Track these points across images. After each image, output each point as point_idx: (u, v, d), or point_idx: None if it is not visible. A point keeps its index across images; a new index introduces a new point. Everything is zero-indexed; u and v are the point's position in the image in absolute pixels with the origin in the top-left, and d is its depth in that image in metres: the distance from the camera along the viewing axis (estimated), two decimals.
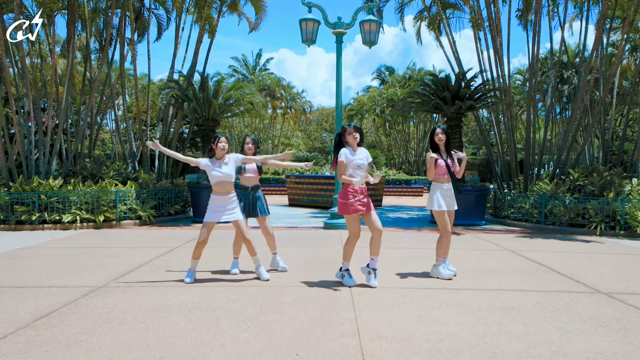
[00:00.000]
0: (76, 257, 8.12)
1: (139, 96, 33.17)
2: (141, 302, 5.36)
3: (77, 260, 7.83)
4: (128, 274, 6.82)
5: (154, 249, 9.06)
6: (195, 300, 5.44)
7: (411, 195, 29.30)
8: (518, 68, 40.21)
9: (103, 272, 6.97)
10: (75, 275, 6.74)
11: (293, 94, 48.03)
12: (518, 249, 9.34)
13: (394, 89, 45.76)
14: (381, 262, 7.73)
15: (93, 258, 8.06)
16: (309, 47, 12.41)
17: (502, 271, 7.24)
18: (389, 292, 5.92)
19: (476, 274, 7.04)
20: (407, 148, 50.73)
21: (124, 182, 14.03)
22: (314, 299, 5.54)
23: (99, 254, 8.50)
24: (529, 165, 15.24)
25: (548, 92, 17.47)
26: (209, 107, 13.28)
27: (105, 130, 44.17)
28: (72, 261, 7.79)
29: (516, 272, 7.21)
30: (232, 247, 7.07)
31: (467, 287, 6.17)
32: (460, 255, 8.57)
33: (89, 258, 8.05)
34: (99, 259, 8.01)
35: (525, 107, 37.16)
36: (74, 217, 12.19)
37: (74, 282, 6.36)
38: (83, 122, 15.50)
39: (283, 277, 6.72)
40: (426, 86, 14.33)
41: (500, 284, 6.42)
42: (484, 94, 13.93)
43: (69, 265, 7.48)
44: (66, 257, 8.19)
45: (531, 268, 7.51)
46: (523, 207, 13.81)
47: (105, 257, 8.12)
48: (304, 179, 20.43)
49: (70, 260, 7.84)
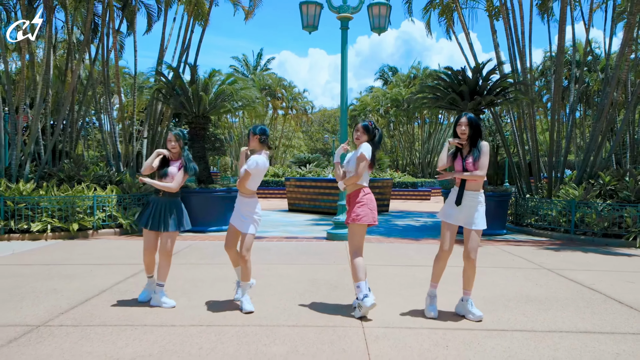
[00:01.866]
0: (27, 279, 6.68)
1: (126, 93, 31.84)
2: (82, 355, 3.93)
3: (25, 284, 6.39)
4: (80, 305, 5.38)
5: (125, 266, 7.63)
6: (155, 352, 4.01)
7: (418, 199, 27.87)
8: None
9: (51, 301, 5.54)
10: (14, 307, 5.31)
11: (294, 93, 46.64)
12: (557, 267, 7.89)
13: (398, 89, 44.40)
14: (396, 287, 6.30)
15: (47, 280, 6.62)
16: (310, 33, 10.96)
17: (550, 300, 5.79)
18: (415, 335, 4.49)
19: (519, 305, 5.59)
20: (412, 149, 49.34)
21: (104, 186, 12.60)
22: (315, 350, 4.10)
23: (58, 273, 7.06)
24: (552, 168, 13.79)
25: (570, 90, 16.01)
26: (198, 103, 11.83)
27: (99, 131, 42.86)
28: (18, 284, 6.35)
29: (568, 302, 5.76)
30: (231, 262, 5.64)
31: (515, 328, 4.73)
32: (492, 275, 7.12)
33: (41, 280, 6.62)
34: (53, 280, 6.57)
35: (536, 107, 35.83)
36: (45, 225, 10.75)
37: (6, 317, 4.93)
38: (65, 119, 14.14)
39: (275, 310, 5.28)
40: (440, 80, 12.87)
41: (556, 321, 4.98)
42: (504, 88, 12.49)
43: (14, 290, 6.05)
44: (16, 278, 6.76)
45: (584, 296, 6.06)
46: (549, 215, 12.37)
47: (62, 279, 6.68)
48: (304, 182, 18.98)
49: (17, 284, 6.40)
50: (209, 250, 9.21)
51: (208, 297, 5.78)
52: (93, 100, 17.04)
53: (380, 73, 52.39)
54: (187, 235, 11.19)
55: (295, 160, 37.88)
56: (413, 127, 49.43)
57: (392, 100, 43.88)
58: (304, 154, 41.20)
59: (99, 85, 17.61)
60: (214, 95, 12.08)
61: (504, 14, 13.78)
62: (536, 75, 38.22)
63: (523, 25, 13.52)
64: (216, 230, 12.05)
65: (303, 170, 30.01)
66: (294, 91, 47.00)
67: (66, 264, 7.80)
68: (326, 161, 37.55)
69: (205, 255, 8.68)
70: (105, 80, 14.87)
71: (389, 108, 44.74)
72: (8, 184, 11.48)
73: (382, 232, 12.52)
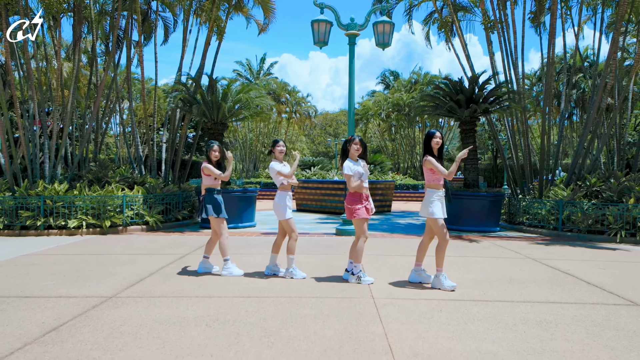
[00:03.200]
0: (83, 265, 7.82)
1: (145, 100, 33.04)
2: (155, 315, 5.05)
3: (85, 268, 7.53)
4: (138, 284, 6.51)
5: (163, 256, 8.76)
6: (212, 313, 5.13)
7: (419, 200, 28.95)
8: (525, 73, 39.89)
9: (112, 280, 6.67)
10: (83, 285, 6.43)
11: (298, 98, 47.75)
12: (541, 257, 9.00)
13: (399, 94, 45.47)
14: (400, 270, 7.41)
15: (101, 266, 7.75)
16: (321, 48, 12.11)
17: (529, 281, 6.91)
18: (415, 304, 5.60)
19: (503, 284, 6.71)
20: (413, 153, 50.35)
21: (130, 186, 13.74)
22: (337, 312, 5.22)
23: (107, 261, 8.20)
24: (543, 170, 14.89)
25: (562, 97, 17.12)
26: (217, 111, 12.98)
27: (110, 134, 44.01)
28: (79, 269, 7.49)
29: (544, 282, 6.88)
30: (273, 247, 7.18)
31: (497, 299, 5.85)
32: (482, 263, 8.24)
33: (96, 266, 7.75)
34: (106, 266, 7.71)
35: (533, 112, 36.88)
36: (80, 222, 11.89)
37: (82, 291, 6.06)
38: (88, 125, 15.25)
39: (301, 287, 6.40)
40: (439, 89, 14.01)
41: (531, 295, 6.10)
42: (498, 97, 13.62)
43: (76, 273, 7.18)
44: (73, 264, 7.89)
45: (559, 278, 7.18)
46: (539, 214, 13.46)
47: (113, 265, 7.82)
48: (311, 183, 20.09)
49: (78, 268, 7.54)
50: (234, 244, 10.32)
51: (240, 279, 6.90)
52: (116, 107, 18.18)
53: (381, 77, 53.57)
54: (207, 231, 12.31)
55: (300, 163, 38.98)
56: (414, 131, 50.48)
57: (394, 105, 44.94)
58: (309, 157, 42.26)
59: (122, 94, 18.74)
60: (232, 103, 13.22)
61: (498, 29, 14.91)
62: (534, 81, 39.36)
63: (516, 39, 14.65)
64: (233, 227, 13.12)
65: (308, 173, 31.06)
66: (297, 95, 48.09)
67: (111, 254, 8.93)
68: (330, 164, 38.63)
69: None
70: (128, 88, 16.00)
71: (390, 112, 45.80)
72: (45, 184, 12.61)
73: (385, 229, 13.62)
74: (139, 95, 31.08)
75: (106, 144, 43.69)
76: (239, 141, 47.35)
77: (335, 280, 6.81)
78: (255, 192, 13.91)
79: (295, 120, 47.84)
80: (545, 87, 14.66)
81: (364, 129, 52.15)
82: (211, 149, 7.29)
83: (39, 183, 12.56)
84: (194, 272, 7.29)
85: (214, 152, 7.28)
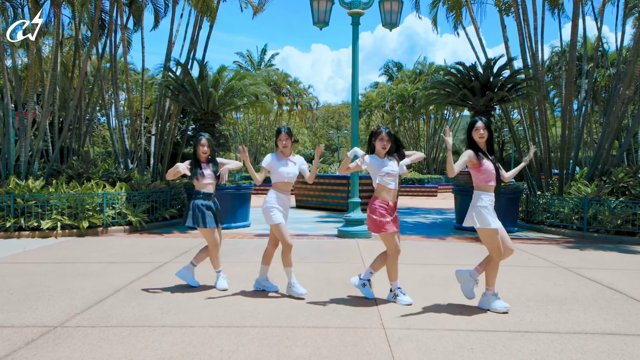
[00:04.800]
0: (41, 278, 6.64)
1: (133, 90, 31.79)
2: (101, 357, 3.87)
3: (40, 283, 6.35)
4: (97, 305, 5.33)
5: (139, 264, 7.58)
6: (176, 355, 3.95)
7: (425, 195, 27.77)
8: None
9: (67, 301, 5.49)
10: (29, 307, 5.26)
11: (300, 89, 46.51)
12: (573, 266, 7.79)
13: (403, 85, 44.25)
14: (413, 286, 6.21)
15: (61, 279, 6.57)
16: (321, 29, 10.86)
17: (571, 300, 5.70)
18: (438, 337, 4.40)
19: (540, 305, 5.51)
20: (417, 145, 49.14)
21: (113, 183, 12.54)
22: (339, 353, 4.02)
23: (71, 272, 7.02)
24: (563, 164, 13.64)
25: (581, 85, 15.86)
26: (207, 99, 11.75)
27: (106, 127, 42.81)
28: (33, 283, 6.31)
29: (589, 301, 5.68)
30: (264, 257, 6.03)
31: (540, 329, 4.65)
32: (507, 274, 7.02)
33: (55, 279, 6.57)
34: (67, 280, 6.52)
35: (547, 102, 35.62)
36: (55, 223, 10.71)
37: (23, 318, 4.89)
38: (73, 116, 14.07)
39: (296, 310, 5.20)
40: (451, 75, 12.74)
41: (579, 321, 4.90)
42: (516, 84, 12.37)
43: (27, 289, 6.00)
44: (30, 276, 6.72)
45: (604, 295, 5.97)
46: (561, 212, 12.25)
47: (76, 278, 6.64)
48: None
49: (32, 282, 6.36)
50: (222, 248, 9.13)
51: (224, 295, 5.71)
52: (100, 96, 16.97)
53: (385, 68, 52.18)
54: (196, 233, 11.13)
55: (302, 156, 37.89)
56: (418, 124, 49.28)
57: (398, 96, 43.72)
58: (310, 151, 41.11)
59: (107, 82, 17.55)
60: (223, 92, 12.01)
61: (515, 8, 13.64)
62: (543, 71, 38.04)
63: (535, 19, 13.38)
64: (225, 227, 11.94)
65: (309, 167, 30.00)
66: (299, 87, 46.86)
67: (79, 263, 7.75)
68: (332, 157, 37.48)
69: None
70: (113, 76, 14.79)
71: (394, 104, 44.57)
72: (17, 181, 11.44)
73: None
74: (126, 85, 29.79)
75: (102, 137, 42.50)
76: (238, 134, 46.09)
77: (337, 299, 5.63)
78: (250, 189, 12.73)
79: (296, 112, 46.62)
80: (567, 72, 13.40)
81: (367, 121, 50.98)
82: (199, 144, 6.08)
83: (10, 179, 11.39)
84: (169, 287, 6.11)
85: (202, 147, 6.07)
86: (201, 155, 6.08)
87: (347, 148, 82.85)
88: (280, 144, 5.75)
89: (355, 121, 10.95)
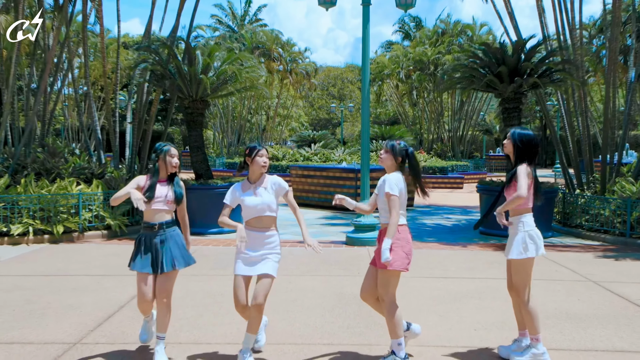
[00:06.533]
0: (35, 293, 7.99)
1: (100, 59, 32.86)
2: None
3: (38, 298, 7.70)
4: (107, 322, 6.69)
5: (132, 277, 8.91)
6: None
7: (448, 188, 28.99)
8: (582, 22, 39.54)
9: (74, 318, 6.85)
10: (39, 324, 6.61)
11: (294, 53, 47.55)
12: (603, 279, 9.17)
13: (422, 48, 45.18)
14: (430, 303, 7.56)
15: (57, 294, 7.93)
16: (327, 10, 12.10)
17: (590, 317, 7.08)
18: (450, 353, 5.78)
19: (558, 322, 6.89)
20: (440, 122, 50.28)
21: (87, 180, 13.85)
22: None
23: (64, 286, 8.37)
24: (606, 154, 14.77)
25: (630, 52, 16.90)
26: (197, 86, 13.04)
27: None
28: (30, 299, 7.66)
29: (609, 318, 7.06)
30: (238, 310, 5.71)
31: (552, 346, 6.01)
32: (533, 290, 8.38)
33: (51, 294, 7.93)
34: (65, 295, 7.88)
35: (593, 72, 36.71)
36: (26, 227, 12.04)
37: (38, 335, 6.24)
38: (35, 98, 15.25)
39: (307, 328, 6.57)
40: (476, 58, 14.05)
41: (593, 339, 6.27)
42: (549, 68, 13.67)
43: (27, 305, 7.36)
44: (22, 291, 8.07)
45: (628, 313, 7.35)
46: (601, 214, 13.51)
47: (72, 293, 7.99)
48: (313, 170, 20.20)
49: (28, 298, 7.71)
50: (218, 258, 10.50)
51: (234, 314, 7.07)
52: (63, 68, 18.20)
53: (400, 24, 53.07)
54: None
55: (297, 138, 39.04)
56: (441, 95, 50.34)
57: (416, 62, 44.75)
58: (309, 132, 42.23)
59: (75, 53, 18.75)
60: (215, 77, 13.30)
61: None
62: (593, 32, 38.96)
63: None
64: (217, 232, 13.28)
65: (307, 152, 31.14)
66: (293, 50, 47.90)
67: (67, 275, 9.12)
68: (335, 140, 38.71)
69: (216, 265, 9.96)
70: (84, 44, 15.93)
71: (411, 71, 45.65)
72: None
73: None
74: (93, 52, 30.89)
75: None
76: (218, 107, 47.29)
77: (348, 315, 6.96)
78: None
79: (290, 81, 47.71)
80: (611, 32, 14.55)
81: (378, 92, 51.99)
82: (167, 154, 5.67)
83: None
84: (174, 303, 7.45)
85: (173, 159, 5.71)
86: (170, 168, 5.68)
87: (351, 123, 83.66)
88: (261, 160, 5.54)
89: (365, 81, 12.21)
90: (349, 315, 7.06)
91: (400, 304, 6.78)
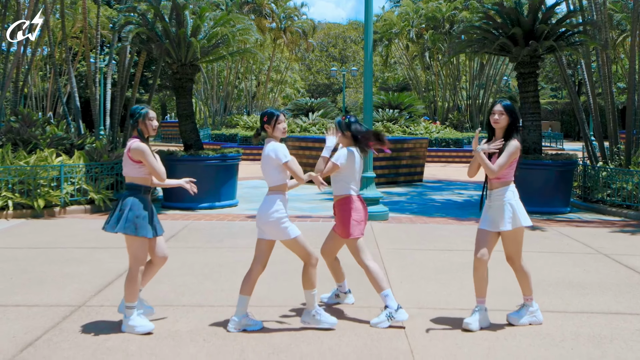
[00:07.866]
0: (29, 263, 9.16)
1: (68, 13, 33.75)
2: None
3: (33, 268, 8.87)
4: (107, 288, 7.87)
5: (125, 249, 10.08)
6: (205, 325, 6.47)
7: (463, 162, 29.81)
8: None
9: (74, 285, 8.01)
10: (40, 290, 7.77)
11: (288, 8, 48.44)
12: (615, 252, 10.35)
13: (436, 2, 45.98)
14: (433, 272, 8.74)
15: (51, 264, 9.10)
16: None
17: (591, 286, 8.26)
18: (448, 315, 6.95)
19: (558, 289, 8.06)
20: (456, 88, 51.08)
21: (67, 151, 14.95)
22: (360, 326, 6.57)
23: (57, 258, 9.54)
24: (631, 123, 15.89)
25: None
26: (186, 50, 14.08)
27: None
28: (25, 269, 8.82)
29: (611, 286, 8.23)
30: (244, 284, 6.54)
31: (548, 309, 7.18)
32: (538, 261, 9.58)
33: (46, 264, 9.10)
34: (59, 265, 9.05)
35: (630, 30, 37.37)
36: (5, 201, 13.15)
37: (42, 299, 7.40)
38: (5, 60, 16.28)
39: None
40: (489, 19, 15.06)
41: (590, 304, 7.45)
42: (567, 30, 14.65)
43: (24, 274, 8.52)
44: (15, 262, 9.24)
45: (631, 281, 8.53)
46: (624, 188, 14.63)
47: (66, 264, 9.16)
48: (310, 142, 21.24)
49: (23, 268, 8.87)
50: (212, 232, 11.66)
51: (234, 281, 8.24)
52: None
53: None
54: (175, 214, 13.64)
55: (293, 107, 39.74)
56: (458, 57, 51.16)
57: (429, 19, 45.61)
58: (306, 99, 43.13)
59: None
60: (206, 40, 14.37)
61: None
62: (605, 11, 39.42)
63: None
64: (208, 207, 14.42)
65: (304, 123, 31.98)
66: (287, 5, 48.68)
67: (58, 248, 10.31)
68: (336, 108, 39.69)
69: (209, 238, 11.13)
70: None
71: (423, 30, 46.53)
72: None
73: (414, 210, 14.94)
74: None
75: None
76: (202, 72, 48.25)
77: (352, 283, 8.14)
78: (238, 159, 15.16)
79: (284, 41, 48.60)
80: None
81: (385, 54, 52.85)
82: (146, 117, 6.31)
83: None
84: (171, 272, 8.61)
85: (153, 122, 6.35)
86: (150, 131, 6.32)
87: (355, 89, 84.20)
88: (282, 127, 6.32)
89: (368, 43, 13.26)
90: (350, 283, 8.20)
91: (403, 275, 8.11)
